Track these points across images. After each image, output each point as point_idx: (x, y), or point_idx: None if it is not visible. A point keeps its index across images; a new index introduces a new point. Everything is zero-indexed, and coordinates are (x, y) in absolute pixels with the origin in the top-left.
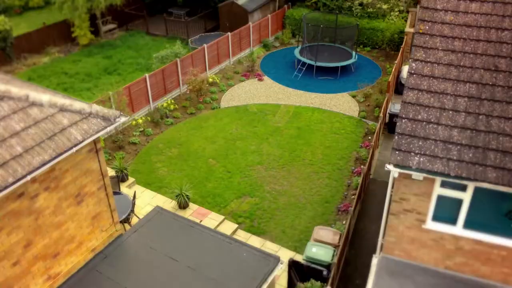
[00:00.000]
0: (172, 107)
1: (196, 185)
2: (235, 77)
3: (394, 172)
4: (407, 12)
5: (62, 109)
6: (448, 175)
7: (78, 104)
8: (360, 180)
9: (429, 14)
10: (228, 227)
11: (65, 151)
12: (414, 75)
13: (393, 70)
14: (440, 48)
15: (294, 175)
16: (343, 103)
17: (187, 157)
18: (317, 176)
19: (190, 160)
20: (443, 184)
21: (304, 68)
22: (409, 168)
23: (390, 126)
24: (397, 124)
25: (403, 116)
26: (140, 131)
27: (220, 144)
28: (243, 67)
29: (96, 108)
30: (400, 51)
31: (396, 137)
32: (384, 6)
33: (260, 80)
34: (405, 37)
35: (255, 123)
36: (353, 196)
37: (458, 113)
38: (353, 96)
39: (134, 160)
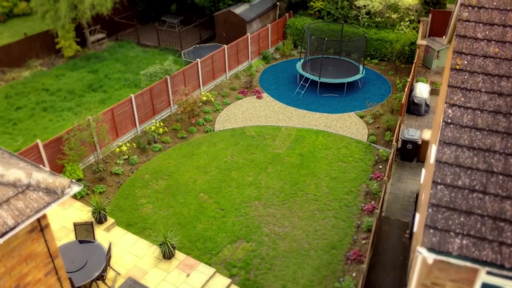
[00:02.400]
0: (161, 130)
1: (184, 226)
2: (231, 94)
3: (429, 258)
4: (418, 22)
5: None
6: (501, 266)
7: (12, 174)
8: (373, 225)
9: (467, 45)
10: (219, 283)
11: None
12: (451, 126)
13: (406, 89)
14: (484, 90)
15: (296, 214)
16: (350, 125)
17: (175, 191)
18: (322, 215)
19: (179, 194)
20: (491, 272)
21: (307, 85)
22: (448, 254)
23: (403, 153)
24: (431, 192)
25: (438, 181)
26: (124, 159)
27: (213, 175)
28: (241, 83)
29: (37, 177)
30: (413, 66)
31: (430, 210)
32: (394, 16)
33: (259, 97)
34: (417, 50)
35: (253, 149)
36: (363, 241)
37: None
38: (361, 117)
39: (116, 195)
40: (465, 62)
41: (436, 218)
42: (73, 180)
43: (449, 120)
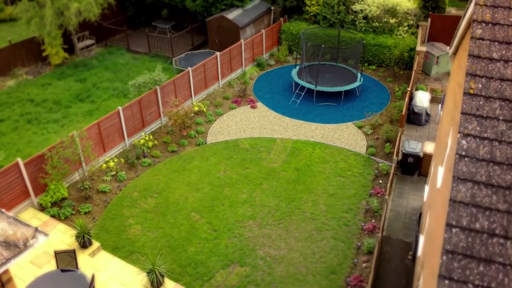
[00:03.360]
0: (150, 144)
1: (174, 249)
2: (224, 103)
3: None
4: (417, 26)
5: None
6: None
7: None
8: (375, 248)
9: (481, 66)
10: None
11: None
12: (466, 159)
13: (406, 99)
14: (502, 118)
15: (293, 234)
16: (348, 136)
17: (165, 210)
18: (321, 235)
19: (169, 214)
20: None
21: (302, 93)
22: None
23: (403, 167)
24: (445, 236)
25: (453, 223)
26: (112, 176)
27: (205, 192)
28: (234, 91)
29: None
30: (412, 73)
31: (445, 258)
32: (392, 20)
33: (253, 107)
34: (417, 56)
35: (247, 163)
36: (364, 264)
37: None
38: (359, 127)
39: (103, 215)
40: (480, 85)
41: (452, 267)
42: (38, 228)
43: (463, 153)
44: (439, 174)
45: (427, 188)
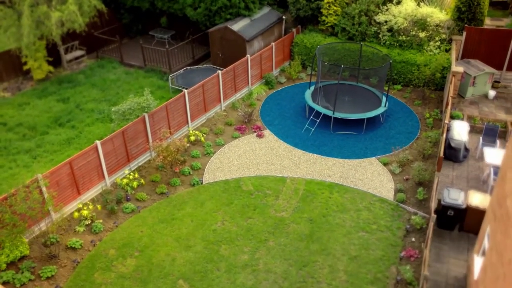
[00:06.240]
0: (135, 184)
1: None
2: (226, 131)
3: None
4: (450, 41)
5: None
6: None
7: None
8: None
9: None
10: None
11: None
12: None
13: (443, 136)
14: None
15: None
16: (372, 175)
17: (147, 277)
18: None
19: (151, 281)
20: None
21: (318, 120)
22: None
23: (441, 219)
24: None
25: None
26: (86, 225)
27: (197, 251)
28: (238, 116)
29: None
30: (448, 99)
31: None
32: (421, 34)
33: (260, 136)
34: (452, 78)
35: (250, 211)
36: None
37: None
38: (385, 164)
39: (69, 280)
40: None
41: None
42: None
43: None
44: None
45: (477, 259)
